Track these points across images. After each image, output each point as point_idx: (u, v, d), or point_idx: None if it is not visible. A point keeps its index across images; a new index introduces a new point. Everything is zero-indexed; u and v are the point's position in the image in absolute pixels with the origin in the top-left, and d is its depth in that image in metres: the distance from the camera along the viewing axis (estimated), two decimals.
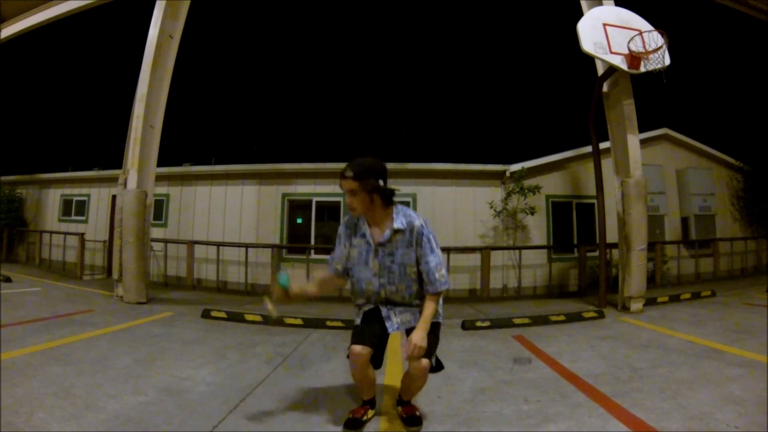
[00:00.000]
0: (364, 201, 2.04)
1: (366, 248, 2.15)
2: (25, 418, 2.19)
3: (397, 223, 2.10)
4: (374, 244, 2.12)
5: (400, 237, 2.10)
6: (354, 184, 2.02)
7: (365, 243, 2.15)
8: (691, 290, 6.63)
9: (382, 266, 2.13)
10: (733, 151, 10.13)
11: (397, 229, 2.09)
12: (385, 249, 2.12)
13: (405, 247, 2.11)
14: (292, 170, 8.45)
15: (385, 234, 2.11)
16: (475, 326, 4.68)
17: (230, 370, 3.15)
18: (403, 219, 2.11)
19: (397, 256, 2.11)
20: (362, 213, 2.11)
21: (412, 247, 2.11)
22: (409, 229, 2.10)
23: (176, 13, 6.28)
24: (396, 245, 2.11)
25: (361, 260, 2.17)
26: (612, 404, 2.49)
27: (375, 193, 2.04)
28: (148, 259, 6.20)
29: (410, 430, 2.22)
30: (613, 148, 6.02)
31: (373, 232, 2.14)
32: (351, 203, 2.06)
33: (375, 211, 2.10)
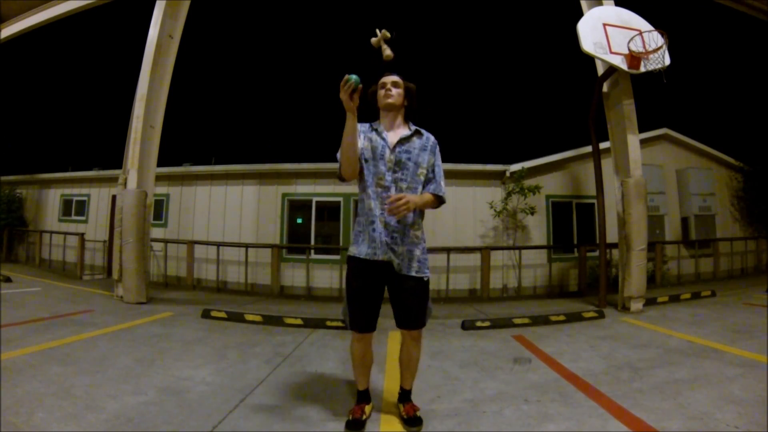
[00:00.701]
0: (400, 96, 2.25)
1: (382, 144, 2.22)
2: (25, 418, 2.19)
3: (416, 128, 2.30)
4: (392, 142, 2.22)
5: (417, 139, 2.26)
6: (399, 79, 2.26)
7: (382, 140, 2.22)
8: (691, 290, 6.63)
9: (399, 160, 2.20)
10: (733, 151, 10.14)
11: (417, 129, 2.29)
12: (403, 146, 2.22)
13: (421, 149, 2.25)
14: (292, 170, 8.45)
15: (404, 132, 2.25)
16: (475, 326, 4.68)
17: (230, 370, 3.15)
18: (422, 129, 2.32)
19: (413, 154, 2.22)
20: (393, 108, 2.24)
21: (426, 151, 2.26)
22: (426, 136, 2.30)
23: (176, 13, 6.28)
24: (413, 144, 2.24)
25: (377, 154, 2.21)
26: (612, 404, 2.49)
27: (407, 98, 2.28)
28: (148, 259, 6.20)
29: (410, 430, 2.22)
30: (613, 148, 6.02)
31: (390, 137, 2.25)
32: (389, 92, 2.22)
33: (399, 115, 2.28)
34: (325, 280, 7.81)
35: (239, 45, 17.23)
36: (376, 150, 2.21)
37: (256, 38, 17.51)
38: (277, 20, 17.98)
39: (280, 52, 18.19)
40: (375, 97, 2.33)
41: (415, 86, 2.32)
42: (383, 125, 2.29)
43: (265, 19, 18.29)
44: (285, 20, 17.92)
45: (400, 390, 2.42)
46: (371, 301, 2.20)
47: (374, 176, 2.19)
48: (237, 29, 17.23)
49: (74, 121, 17.23)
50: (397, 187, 2.18)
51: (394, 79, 2.26)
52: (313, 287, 7.72)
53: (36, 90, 16.95)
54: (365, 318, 2.21)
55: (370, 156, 2.21)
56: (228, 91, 17.09)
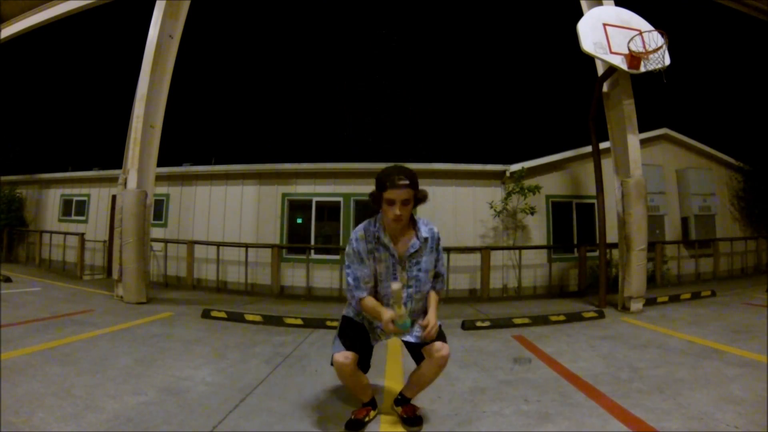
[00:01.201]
0: (409, 211, 1.99)
1: (392, 261, 2.06)
2: (25, 418, 2.19)
3: (424, 233, 2.10)
4: (400, 257, 2.06)
5: (425, 245, 2.11)
6: (410, 192, 1.93)
7: (389, 256, 2.05)
8: (691, 290, 6.63)
9: (410, 276, 2.07)
10: (733, 151, 10.14)
11: (425, 237, 2.10)
12: (413, 259, 2.08)
13: (429, 254, 2.12)
14: (292, 170, 8.45)
15: (414, 244, 2.07)
16: (475, 326, 4.68)
17: (230, 370, 3.15)
18: (426, 227, 2.13)
19: (423, 264, 2.10)
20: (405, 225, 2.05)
21: (433, 253, 2.14)
22: (430, 236, 2.13)
23: (176, 13, 6.28)
24: (422, 254, 2.10)
25: (388, 275, 2.06)
26: (612, 404, 2.49)
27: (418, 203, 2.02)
28: (148, 259, 6.20)
29: (411, 430, 2.22)
30: (613, 148, 6.02)
31: (397, 247, 2.06)
32: (402, 214, 1.94)
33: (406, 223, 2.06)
34: (325, 280, 7.81)
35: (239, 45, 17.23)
36: (387, 270, 2.07)
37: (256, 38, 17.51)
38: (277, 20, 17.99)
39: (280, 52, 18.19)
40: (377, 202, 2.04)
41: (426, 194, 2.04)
42: (388, 234, 2.07)
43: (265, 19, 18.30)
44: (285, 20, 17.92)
45: (400, 395, 2.35)
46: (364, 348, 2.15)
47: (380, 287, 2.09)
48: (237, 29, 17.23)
49: (74, 121, 17.23)
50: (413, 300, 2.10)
51: (405, 197, 1.92)
52: (313, 287, 7.72)
53: (36, 90, 16.95)
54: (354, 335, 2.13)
55: (382, 278, 2.08)
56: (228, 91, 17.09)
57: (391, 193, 1.92)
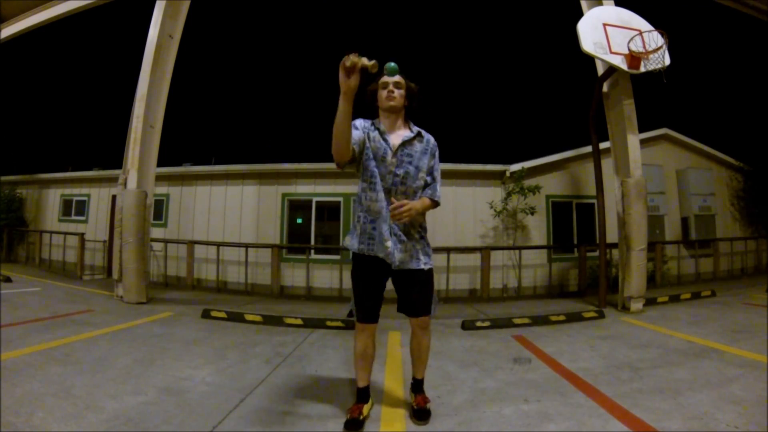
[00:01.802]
0: (402, 97, 2.23)
1: (384, 145, 2.20)
2: (25, 418, 2.19)
3: (417, 129, 2.28)
4: (394, 145, 2.21)
5: (419, 142, 2.26)
6: (401, 79, 2.22)
7: (384, 141, 2.21)
8: (691, 290, 6.63)
9: (400, 163, 2.20)
10: (733, 151, 10.14)
11: (419, 132, 2.27)
12: (405, 149, 2.22)
13: (422, 152, 2.26)
14: (292, 170, 8.45)
15: (407, 133, 2.24)
16: (475, 326, 4.68)
17: (230, 370, 3.15)
18: (423, 131, 2.31)
19: (415, 157, 2.23)
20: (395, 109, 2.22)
21: (427, 155, 2.27)
22: (427, 139, 2.30)
23: (176, 13, 6.28)
24: (415, 148, 2.24)
25: (378, 155, 2.19)
26: (612, 404, 2.49)
27: (409, 98, 2.25)
28: (148, 259, 6.20)
29: (418, 422, 2.27)
30: (613, 148, 6.02)
31: (392, 137, 2.23)
32: (392, 93, 2.19)
33: (400, 116, 2.27)
34: (325, 280, 7.81)
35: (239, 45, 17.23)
36: (378, 151, 2.19)
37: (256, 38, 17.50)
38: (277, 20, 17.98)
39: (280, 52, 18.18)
40: (374, 97, 2.30)
41: (416, 86, 2.29)
42: (384, 126, 2.26)
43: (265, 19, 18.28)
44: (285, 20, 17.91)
45: (413, 380, 2.46)
46: (371, 292, 2.24)
47: (373, 176, 2.18)
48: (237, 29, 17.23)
49: (74, 121, 17.23)
50: (398, 190, 2.19)
51: (396, 79, 2.20)
52: (313, 287, 7.72)
53: (36, 90, 16.95)
54: (369, 309, 2.25)
55: (372, 156, 2.19)
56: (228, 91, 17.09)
57: (385, 78, 2.20)
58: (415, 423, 2.27)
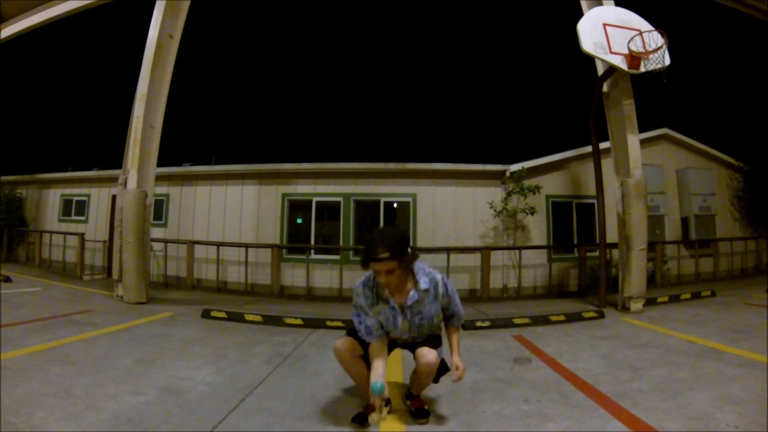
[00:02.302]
0: (401, 276, 2.04)
1: (392, 313, 2.15)
2: (25, 418, 2.19)
3: (423, 284, 2.13)
4: (401, 306, 2.14)
5: (426, 295, 2.15)
6: (392, 264, 1.96)
7: (390, 308, 2.14)
8: (691, 290, 6.63)
9: (412, 324, 2.18)
10: (733, 151, 10.14)
11: (424, 289, 2.14)
12: (413, 309, 2.15)
13: (431, 302, 2.17)
14: (292, 170, 8.45)
15: (413, 295, 2.13)
16: (475, 326, 4.69)
17: (230, 370, 3.15)
18: (426, 278, 2.15)
19: (425, 312, 2.17)
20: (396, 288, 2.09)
21: (437, 300, 2.18)
22: (432, 285, 2.16)
23: (176, 13, 6.28)
24: (423, 304, 2.15)
25: (388, 325, 2.17)
26: (612, 404, 2.49)
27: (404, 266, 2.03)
28: (148, 259, 6.20)
29: (418, 422, 2.27)
30: (613, 148, 6.02)
31: (395, 298, 2.14)
32: (388, 281, 2.01)
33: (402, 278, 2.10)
34: (325, 280, 7.81)
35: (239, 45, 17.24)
36: (388, 321, 2.17)
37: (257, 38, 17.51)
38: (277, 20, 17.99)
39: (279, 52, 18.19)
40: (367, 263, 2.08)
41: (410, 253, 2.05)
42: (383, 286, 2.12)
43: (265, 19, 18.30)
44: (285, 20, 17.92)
45: (407, 392, 2.46)
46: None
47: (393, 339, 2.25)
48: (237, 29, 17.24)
49: (74, 121, 17.23)
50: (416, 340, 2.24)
51: (387, 268, 1.97)
52: (313, 287, 7.72)
53: (36, 90, 16.95)
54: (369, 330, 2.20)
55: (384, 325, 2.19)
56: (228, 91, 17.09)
57: (374, 266, 1.99)
58: (415, 423, 2.28)
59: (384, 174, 8.18)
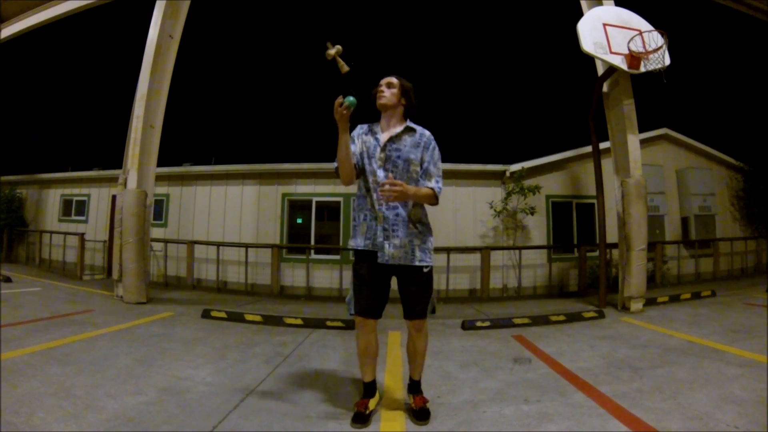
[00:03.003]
0: (395, 96, 2.27)
1: (374, 144, 2.28)
2: (25, 418, 2.19)
3: (411, 125, 2.32)
4: (383, 141, 2.27)
5: (409, 136, 2.28)
6: (395, 80, 2.29)
7: (374, 139, 2.29)
8: (691, 290, 6.63)
9: (389, 157, 2.25)
10: (733, 151, 10.15)
11: (409, 126, 2.29)
12: (393, 143, 2.26)
13: (412, 146, 2.26)
14: (292, 170, 8.45)
15: (396, 129, 2.28)
16: (475, 326, 4.69)
17: (230, 370, 3.15)
18: (416, 125, 2.33)
19: (403, 151, 2.25)
20: (387, 107, 2.27)
21: (419, 148, 2.27)
22: (420, 132, 2.30)
23: (176, 13, 6.27)
24: (404, 142, 2.26)
25: (369, 154, 2.28)
26: (612, 404, 2.49)
27: (405, 96, 2.28)
28: (148, 259, 6.20)
29: (418, 423, 2.27)
30: (613, 148, 6.02)
31: (383, 136, 2.29)
32: (382, 92, 2.26)
33: (395, 113, 2.30)
34: (325, 280, 7.81)
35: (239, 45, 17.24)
36: (369, 150, 2.29)
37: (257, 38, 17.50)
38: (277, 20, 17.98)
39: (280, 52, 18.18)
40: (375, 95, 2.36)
41: (411, 85, 2.33)
42: (381, 125, 2.34)
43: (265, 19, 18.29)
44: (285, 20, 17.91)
45: (410, 380, 2.46)
46: (373, 288, 2.25)
47: (368, 174, 2.27)
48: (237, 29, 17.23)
49: (74, 121, 17.23)
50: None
51: (389, 80, 2.30)
52: (313, 287, 7.72)
53: (36, 90, 16.95)
54: (368, 303, 2.25)
55: (365, 156, 2.29)
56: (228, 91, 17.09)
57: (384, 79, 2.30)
58: (415, 423, 2.28)
59: None
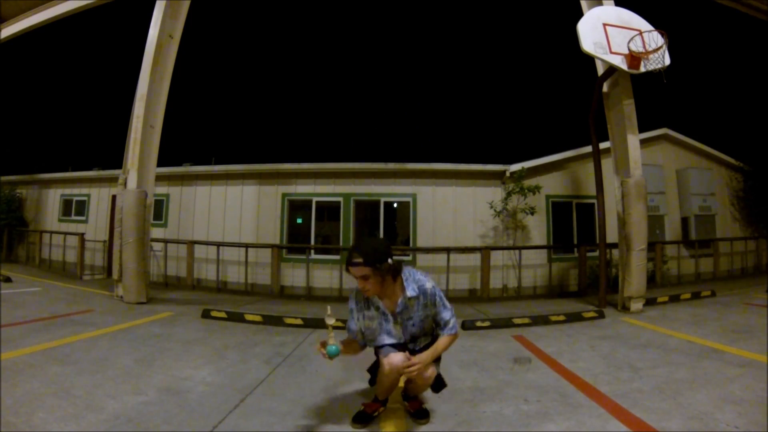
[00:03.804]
0: (377, 283, 2.07)
1: (382, 318, 2.19)
2: (25, 418, 2.19)
3: (410, 291, 2.14)
4: (390, 314, 2.17)
5: (414, 302, 2.17)
6: (366, 269, 2.02)
7: (380, 314, 2.19)
8: (691, 290, 6.63)
9: (405, 329, 2.20)
10: (733, 151, 10.14)
11: (411, 297, 2.14)
12: (403, 315, 2.18)
13: (421, 309, 2.19)
14: (292, 170, 8.45)
15: (400, 303, 2.15)
16: (475, 326, 4.69)
17: (230, 370, 3.15)
18: (414, 285, 2.16)
19: (416, 318, 2.19)
20: (375, 294, 2.12)
21: (427, 308, 2.19)
22: (422, 293, 2.16)
23: (176, 13, 6.28)
24: (413, 310, 2.18)
25: (381, 330, 2.19)
26: (612, 404, 2.49)
27: (383, 273, 2.06)
28: (148, 259, 6.20)
29: (418, 422, 2.27)
30: (613, 148, 6.02)
31: (385, 304, 2.18)
32: (364, 287, 2.08)
33: (387, 287, 2.13)
34: (325, 280, 7.81)
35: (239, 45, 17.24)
36: (381, 326, 2.19)
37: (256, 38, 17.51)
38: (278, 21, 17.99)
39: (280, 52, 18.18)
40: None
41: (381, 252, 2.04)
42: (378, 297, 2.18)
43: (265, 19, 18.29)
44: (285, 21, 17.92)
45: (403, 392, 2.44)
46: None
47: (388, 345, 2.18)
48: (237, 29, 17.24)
49: (74, 121, 17.24)
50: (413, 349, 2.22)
51: (360, 272, 2.03)
52: (313, 287, 7.72)
53: (36, 90, 16.95)
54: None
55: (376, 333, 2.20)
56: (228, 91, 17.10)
57: (350, 270, 2.06)
58: (415, 423, 2.28)
59: (384, 174, 8.18)
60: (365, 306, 2.21)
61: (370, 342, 2.26)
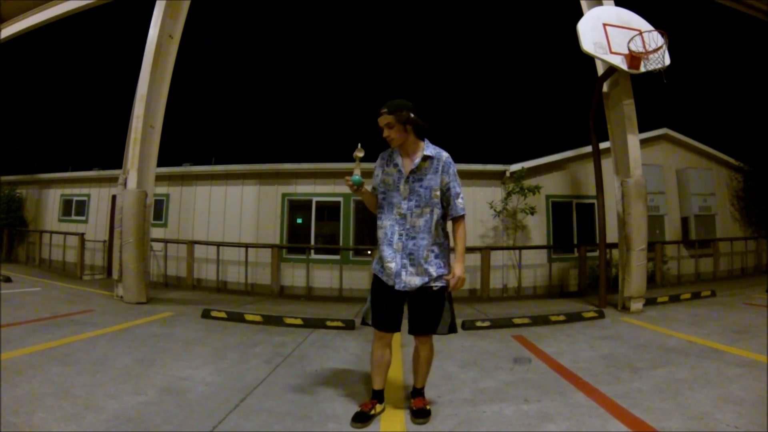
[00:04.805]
0: (399, 132, 2.26)
1: (398, 176, 2.33)
2: (25, 418, 2.19)
3: (428, 151, 2.32)
4: (406, 173, 2.31)
5: (429, 163, 2.31)
6: (389, 117, 2.24)
7: (397, 171, 2.33)
8: (691, 290, 6.63)
9: (412, 190, 2.30)
10: (733, 151, 10.14)
11: (427, 155, 2.30)
12: (415, 175, 2.30)
13: (432, 173, 2.30)
14: (292, 170, 8.45)
15: (416, 161, 2.30)
16: (475, 326, 4.68)
17: (230, 370, 3.15)
18: (433, 149, 2.34)
19: (425, 180, 2.30)
20: (398, 143, 2.30)
21: (438, 173, 2.30)
22: (437, 157, 2.32)
23: (176, 13, 6.27)
24: (425, 171, 2.30)
25: (393, 186, 2.34)
26: (612, 404, 2.49)
27: (408, 124, 2.25)
28: (148, 259, 6.19)
29: (416, 421, 2.29)
30: (613, 148, 6.02)
31: (405, 163, 2.33)
32: (388, 135, 2.27)
33: (408, 142, 2.31)
34: (325, 280, 7.81)
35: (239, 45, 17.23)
36: (393, 183, 2.34)
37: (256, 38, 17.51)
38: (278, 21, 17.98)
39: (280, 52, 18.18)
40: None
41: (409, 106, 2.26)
42: (400, 152, 2.35)
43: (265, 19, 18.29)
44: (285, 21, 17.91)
45: (413, 388, 2.48)
46: (390, 305, 2.29)
47: (392, 206, 2.33)
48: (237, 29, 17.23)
49: (74, 121, 17.24)
50: (413, 213, 2.29)
51: (384, 120, 2.25)
52: (313, 287, 7.72)
53: (36, 90, 16.95)
54: (385, 318, 2.30)
55: (389, 188, 2.35)
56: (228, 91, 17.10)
57: (379, 120, 2.28)
58: (415, 422, 2.28)
59: None
60: (387, 163, 2.39)
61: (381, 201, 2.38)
